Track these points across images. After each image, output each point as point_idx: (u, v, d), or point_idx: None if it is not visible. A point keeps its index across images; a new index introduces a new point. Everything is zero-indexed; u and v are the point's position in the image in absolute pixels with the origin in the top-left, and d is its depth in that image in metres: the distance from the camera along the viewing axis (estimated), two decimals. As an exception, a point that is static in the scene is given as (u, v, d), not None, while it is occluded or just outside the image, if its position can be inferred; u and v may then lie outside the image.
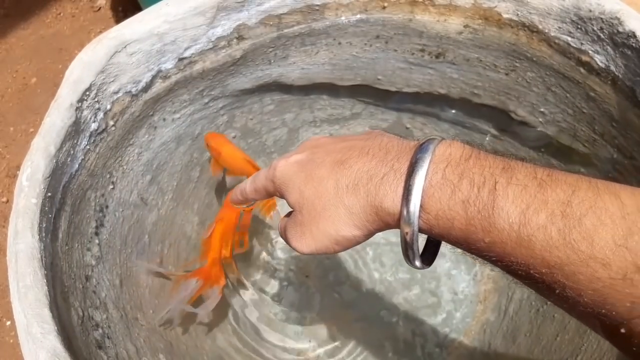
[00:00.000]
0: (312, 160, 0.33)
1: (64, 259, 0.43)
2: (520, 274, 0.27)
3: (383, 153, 0.31)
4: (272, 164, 0.36)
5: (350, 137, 0.35)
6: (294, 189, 0.33)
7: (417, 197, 0.28)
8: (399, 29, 0.55)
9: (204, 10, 0.49)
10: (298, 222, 0.33)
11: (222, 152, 0.56)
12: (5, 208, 0.99)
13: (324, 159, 0.33)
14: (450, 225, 0.28)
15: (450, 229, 0.28)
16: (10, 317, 0.89)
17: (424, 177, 0.28)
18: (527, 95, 0.54)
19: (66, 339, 0.36)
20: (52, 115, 0.42)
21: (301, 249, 0.34)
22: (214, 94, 0.57)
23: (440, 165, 0.28)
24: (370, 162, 0.30)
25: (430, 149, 0.29)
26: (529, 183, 0.26)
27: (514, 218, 0.25)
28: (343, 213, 0.31)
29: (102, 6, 1.25)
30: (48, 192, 0.40)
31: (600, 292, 0.25)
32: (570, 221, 0.25)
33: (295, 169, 0.34)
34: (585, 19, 0.46)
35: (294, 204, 0.33)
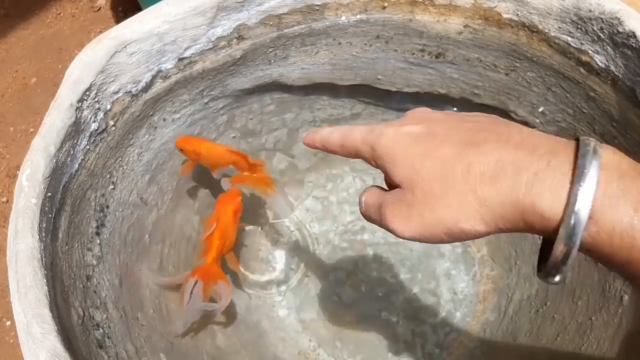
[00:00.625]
0: (433, 134, 0.30)
1: (64, 259, 0.43)
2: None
3: (530, 145, 0.27)
4: (376, 129, 0.32)
5: (471, 116, 0.31)
6: (406, 163, 0.30)
7: (587, 205, 0.24)
8: (399, 29, 0.55)
9: (204, 10, 0.49)
10: (406, 202, 0.29)
11: (201, 151, 0.55)
12: (5, 208, 1.00)
13: (449, 136, 0.29)
14: (629, 244, 0.24)
15: (630, 248, 0.24)
16: (10, 317, 0.89)
17: (596, 184, 0.24)
18: (527, 95, 0.54)
19: (66, 339, 0.36)
20: (52, 115, 0.42)
21: (402, 232, 0.30)
22: (214, 94, 0.57)
23: (613, 173, 0.25)
24: (515, 153, 0.26)
25: (599, 153, 0.25)
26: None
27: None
28: (472, 203, 0.27)
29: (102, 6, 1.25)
30: (48, 192, 0.40)
31: None
32: None
33: (409, 141, 0.30)
34: (585, 19, 0.46)
35: (402, 180, 0.30)
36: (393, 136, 0.31)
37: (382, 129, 0.32)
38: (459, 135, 0.29)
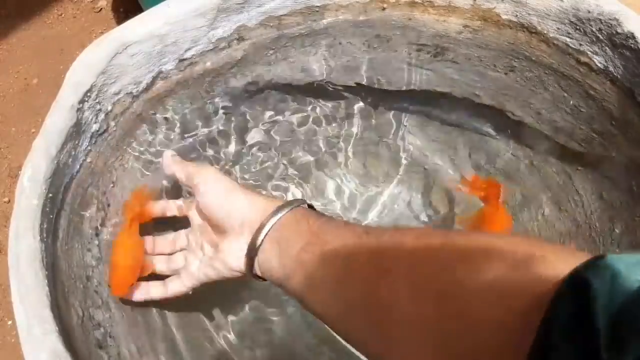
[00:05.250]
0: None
1: (65, 259, 0.43)
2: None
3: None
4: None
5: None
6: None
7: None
8: (398, 30, 0.55)
9: (204, 12, 0.49)
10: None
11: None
12: (7, 208, 1.00)
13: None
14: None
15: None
16: (11, 317, 0.90)
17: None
18: (526, 95, 0.54)
19: (67, 339, 0.36)
20: (53, 116, 0.42)
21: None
22: (215, 94, 0.57)
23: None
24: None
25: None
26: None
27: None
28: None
29: (103, 7, 1.26)
30: (49, 193, 0.41)
31: None
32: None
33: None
34: (584, 20, 0.46)
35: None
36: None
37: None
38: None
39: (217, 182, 0.45)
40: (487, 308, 0.26)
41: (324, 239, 0.38)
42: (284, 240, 0.40)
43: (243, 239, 0.43)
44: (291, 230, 0.40)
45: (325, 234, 0.38)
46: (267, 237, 0.41)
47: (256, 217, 0.42)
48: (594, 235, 0.54)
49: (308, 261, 0.38)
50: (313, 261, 0.37)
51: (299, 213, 0.42)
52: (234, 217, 0.43)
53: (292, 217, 0.41)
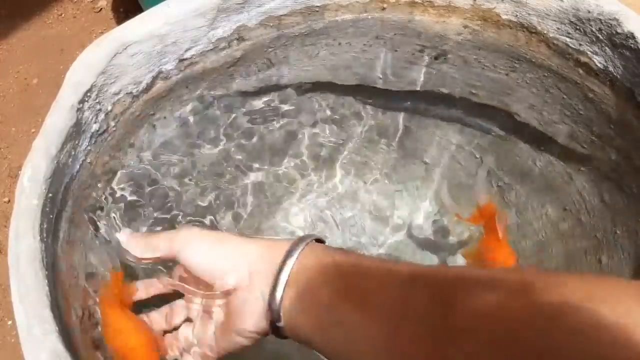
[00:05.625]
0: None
1: (65, 259, 0.43)
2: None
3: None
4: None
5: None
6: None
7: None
8: (398, 30, 0.55)
9: (204, 12, 0.49)
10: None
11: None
12: (7, 208, 1.00)
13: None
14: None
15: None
16: (12, 317, 0.90)
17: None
18: (527, 95, 0.54)
19: (67, 339, 0.36)
20: (53, 116, 0.42)
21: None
22: (215, 94, 0.57)
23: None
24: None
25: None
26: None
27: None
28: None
29: (103, 7, 1.26)
30: (49, 193, 0.41)
31: None
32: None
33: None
34: (584, 20, 0.46)
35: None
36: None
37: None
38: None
39: (203, 237, 0.39)
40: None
41: (364, 286, 0.32)
42: (309, 287, 0.34)
43: (256, 292, 0.36)
44: (316, 273, 0.34)
45: (363, 280, 0.32)
46: (287, 285, 0.34)
47: (267, 263, 0.36)
48: (598, 236, 0.54)
49: (346, 313, 0.32)
50: (353, 314, 0.31)
51: (319, 251, 0.36)
52: (239, 270, 0.37)
53: (312, 256, 0.35)
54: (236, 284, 0.37)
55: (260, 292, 0.36)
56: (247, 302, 0.36)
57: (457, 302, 0.28)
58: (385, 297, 0.31)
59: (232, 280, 0.37)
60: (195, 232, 0.39)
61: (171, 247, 0.39)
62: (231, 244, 0.38)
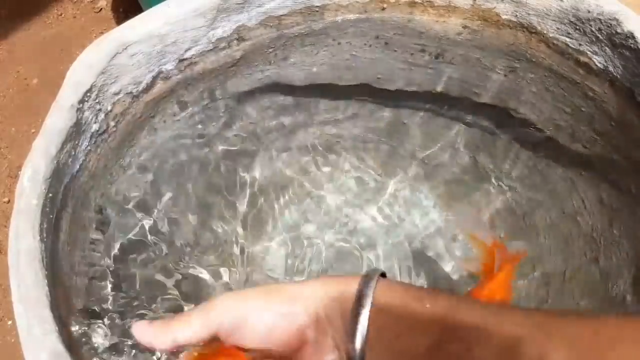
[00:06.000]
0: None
1: (65, 259, 0.43)
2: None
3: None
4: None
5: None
6: None
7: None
8: (398, 30, 0.55)
9: (204, 12, 0.49)
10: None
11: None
12: (7, 208, 1.00)
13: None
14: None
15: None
16: (11, 317, 0.90)
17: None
18: (527, 95, 0.54)
19: (67, 339, 0.36)
20: (53, 116, 0.42)
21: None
22: (215, 94, 0.57)
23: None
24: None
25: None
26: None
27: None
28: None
29: (103, 7, 1.26)
30: (49, 193, 0.41)
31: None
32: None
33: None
34: (584, 20, 0.46)
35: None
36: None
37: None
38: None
39: (246, 301, 0.32)
40: None
41: (471, 336, 0.27)
42: (396, 334, 0.29)
43: (327, 344, 0.31)
44: (400, 318, 0.29)
45: (469, 329, 0.28)
46: (368, 333, 0.29)
47: (334, 308, 0.31)
48: (595, 237, 0.54)
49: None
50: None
51: (399, 291, 0.31)
52: (301, 320, 0.31)
53: (389, 296, 0.30)
54: (300, 339, 0.31)
55: (332, 343, 0.31)
56: (318, 357, 0.32)
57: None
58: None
59: (294, 335, 0.31)
60: (232, 297, 0.32)
61: (210, 323, 0.32)
62: (280, 298, 0.32)
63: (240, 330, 0.31)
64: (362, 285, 0.30)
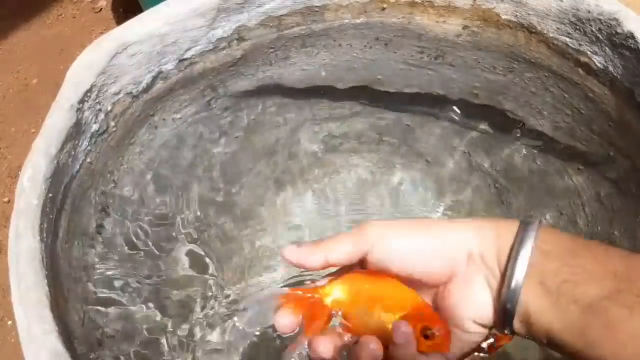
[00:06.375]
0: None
1: (65, 259, 0.43)
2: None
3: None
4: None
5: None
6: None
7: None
8: (398, 30, 0.55)
9: (204, 12, 0.49)
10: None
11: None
12: (7, 208, 1.00)
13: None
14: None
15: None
16: (12, 317, 0.90)
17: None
18: (526, 96, 0.54)
19: (67, 339, 0.36)
20: (53, 116, 0.42)
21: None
22: (215, 94, 0.57)
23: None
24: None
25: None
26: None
27: None
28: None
29: (103, 7, 1.26)
30: (49, 193, 0.41)
31: None
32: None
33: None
34: (584, 20, 0.46)
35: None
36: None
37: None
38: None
39: (399, 228, 0.34)
40: None
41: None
42: (557, 280, 0.29)
43: (479, 278, 0.32)
44: (565, 264, 0.29)
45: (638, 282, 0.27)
46: (527, 275, 0.30)
47: (490, 243, 0.31)
48: (594, 237, 0.54)
49: (621, 319, 0.27)
50: (630, 320, 0.27)
51: (564, 236, 0.31)
52: (453, 254, 0.32)
53: (556, 240, 0.31)
54: (449, 271, 0.32)
55: (484, 280, 0.32)
56: (467, 293, 0.32)
57: None
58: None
59: (443, 267, 0.32)
60: (383, 225, 0.34)
61: (360, 246, 0.33)
62: (435, 229, 0.33)
63: (390, 255, 0.33)
64: (523, 229, 0.31)
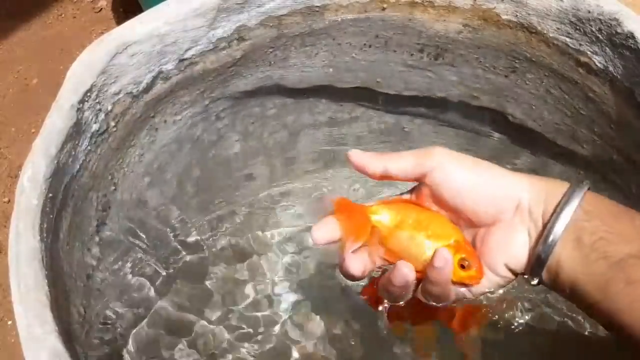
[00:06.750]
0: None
1: (65, 259, 0.43)
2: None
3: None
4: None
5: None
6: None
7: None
8: (398, 30, 0.55)
9: (204, 12, 0.49)
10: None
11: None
12: (7, 208, 1.00)
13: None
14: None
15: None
16: (12, 317, 0.90)
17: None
18: (526, 96, 0.54)
19: (67, 339, 0.36)
20: (53, 117, 0.42)
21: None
22: (215, 95, 0.57)
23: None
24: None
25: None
26: None
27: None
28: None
29: (103, 7, 1.26)
30: (49, 193, 0.41)
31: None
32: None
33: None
34: (584, 20, 0.46)
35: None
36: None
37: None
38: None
39: (462, 159, 0.35)
40: None
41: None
42: (593, 237, 0.31)
43: (521, 229, 0.34)
44: (604, 224, 0.31)
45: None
46: (565, 230, 0.31)
47: (539, 201, 0.33)
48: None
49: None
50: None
51: (608, 202, 0.33)
52: (504, 200, 0.34)
53: (600, 203, 0.32)
54: (496, 215, 0.34)
55: (526, 230, 0.33)
56: (508, 239, 0.34)
57: None
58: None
59: (492, 210, 0.34)
60: (449, 152, 0.35)
61: (422, 164, 0.34)
62: (494, 172, 0.34)
63: (447, 182, 0.34)
64: (571, 189, 0.33)
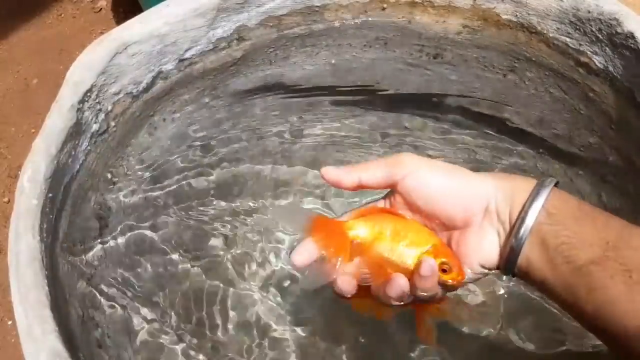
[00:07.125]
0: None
1: (65, 259, 0.43)
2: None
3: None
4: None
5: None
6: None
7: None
8: (397, 30, 0.55)
9: (204, 12, 0.49)
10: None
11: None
12: (7, 208, 1.00)
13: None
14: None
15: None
16: (12, 317, 0.90)
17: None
18: (526, 96, 0.54)
19: (67, 339, 0.36)
20: (53, 117, 0.42)
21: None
22: (215, 94, 0.57)
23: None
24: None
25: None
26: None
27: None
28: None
29: (103, 7, 1.26)
30: (49, 193, 0.41)
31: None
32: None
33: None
34: (584, 20, 0.46)
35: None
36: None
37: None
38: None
39: (431, 165, 0.36)
40: None
41: (629, 259, 0.30)
42: (557, 241, 0.32)
43: (490, 231, 0.35)
44: (566, 228, 0.32)
45: (629, 251, 0.30)
46: (531, 232, 0.33)
47: (506, 202, 0.34)
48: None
49: (605, 284, 0.30)
50: (614, 287, 0.29)
51: (572, 203, 0.33)
52: (473, 203, 0.35)
53: (559, 205, 0.33)
54: (467, 218, 0.35)
55: (495, 232, 0.35)
56: (480, 241, 0.35)
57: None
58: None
59: (463, 213, 0.35)
60: (418, 158, 0.36)
61: (394, 172, 0.36)
62: (464, 177, 0.36)
63: (419, 189, 0.35)
64: (536, 189, 0.33)
